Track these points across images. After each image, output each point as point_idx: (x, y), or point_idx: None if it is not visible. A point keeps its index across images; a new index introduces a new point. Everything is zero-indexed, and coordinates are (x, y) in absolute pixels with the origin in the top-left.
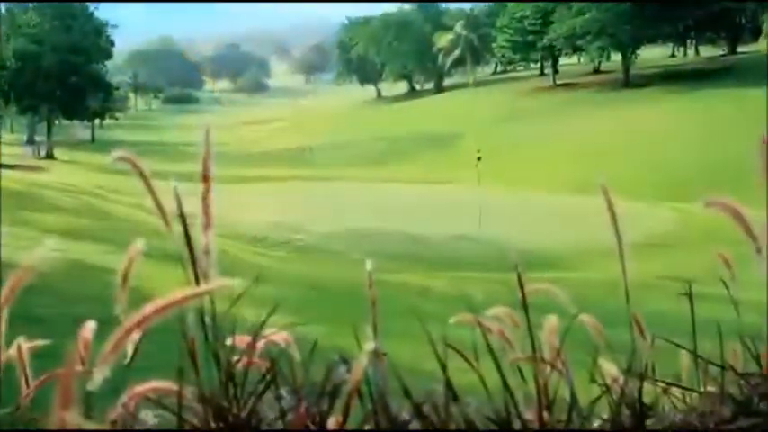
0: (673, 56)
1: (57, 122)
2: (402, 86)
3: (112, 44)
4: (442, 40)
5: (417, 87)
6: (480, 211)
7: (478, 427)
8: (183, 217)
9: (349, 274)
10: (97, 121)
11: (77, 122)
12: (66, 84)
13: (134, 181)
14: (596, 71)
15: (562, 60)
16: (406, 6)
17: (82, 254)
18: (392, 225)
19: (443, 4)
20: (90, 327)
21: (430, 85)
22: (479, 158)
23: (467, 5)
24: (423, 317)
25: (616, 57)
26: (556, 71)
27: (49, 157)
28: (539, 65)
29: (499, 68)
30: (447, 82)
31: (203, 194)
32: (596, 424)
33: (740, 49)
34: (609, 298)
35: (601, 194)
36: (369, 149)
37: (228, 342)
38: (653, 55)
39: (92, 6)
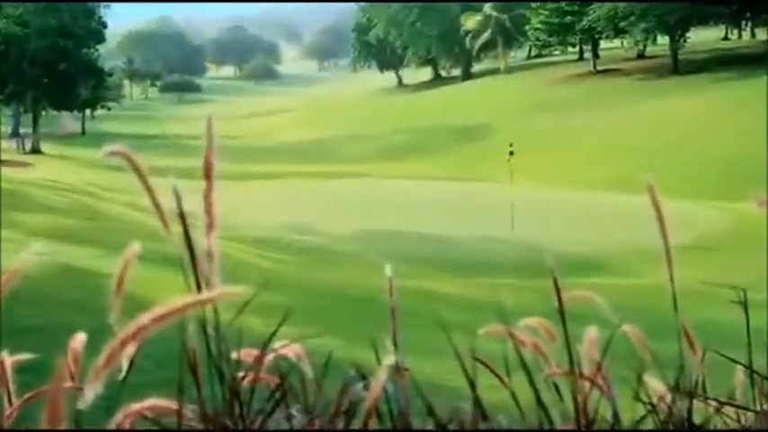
0: (726, 39)
1: (43, 113)
2: (426, 73)
3: (105, 26)
4: (471, 21)
5: (443, 74)
6: (512, 210)
7: None
8: (183, 217)
9: (366, 279)
10: (88, 111)
11: (66, 113)
12: (53, 70)
13: (129, 178)
14: (641, 56)
15: (603, 44)
16: None
17: (71, 257)
18: (414, 226)
19: None
20: (80, 338)
21: (457, 72)
22: (512, 153)
23: None
24: (448, 327)
25: (663, 40)
26: (596, 56)
27: (36, 151)
28: (577, 49)
29: (533, 53)
30: (475, 68)
31: (205, 192)
32: None
33: None
34: (654, 306)
35: (645, 192)
36: (388, 143)
37: (233, 355)
38: (704, 38)
39: None
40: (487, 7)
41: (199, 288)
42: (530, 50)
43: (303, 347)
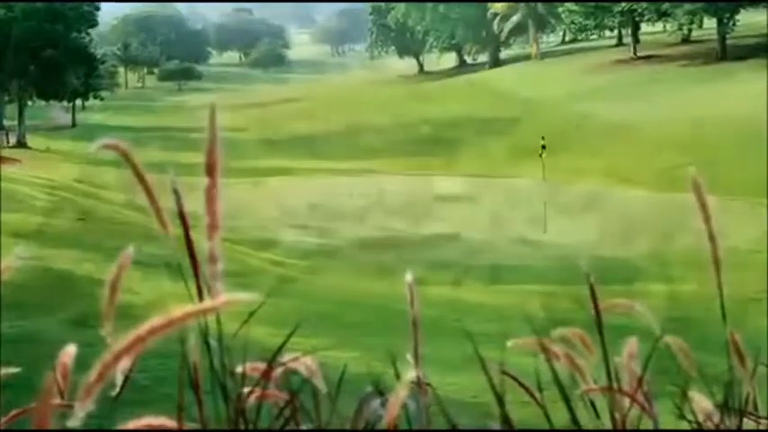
0: None
1: (30, 103)
2: (450, 59)
3: (97, 8)
4: (499, 3)
5: (468, 60)
6: (545, 210)
7: None
8: (183, 217)
9: (384, 287)
10: (79, 101)
11: (55, 103)
12: (40, 57)
13: (123, 174)
14: (685, 41)
15: (644, 28)
16: None
17: (59, 261)
18: (437, 227)
19: None
20: (70, 351)
21: (483, 58)
22: (544, 147)
23: None
24: (475, 339)
25: (709, 23)
26: (637, 41)
27: (21, 145)
28: (615, 33)
29: (567, 37)
30: (504, 54)
31: (207, 190)
32: None
33: None
34: (701, 316)
35: (690, 190)
36: (409, 135)
37: (238, 370)
38: (754, 20)
39: None
40: None
41: (201, 296)
42: (564, 35)
43: (315, 361)
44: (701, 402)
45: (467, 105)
